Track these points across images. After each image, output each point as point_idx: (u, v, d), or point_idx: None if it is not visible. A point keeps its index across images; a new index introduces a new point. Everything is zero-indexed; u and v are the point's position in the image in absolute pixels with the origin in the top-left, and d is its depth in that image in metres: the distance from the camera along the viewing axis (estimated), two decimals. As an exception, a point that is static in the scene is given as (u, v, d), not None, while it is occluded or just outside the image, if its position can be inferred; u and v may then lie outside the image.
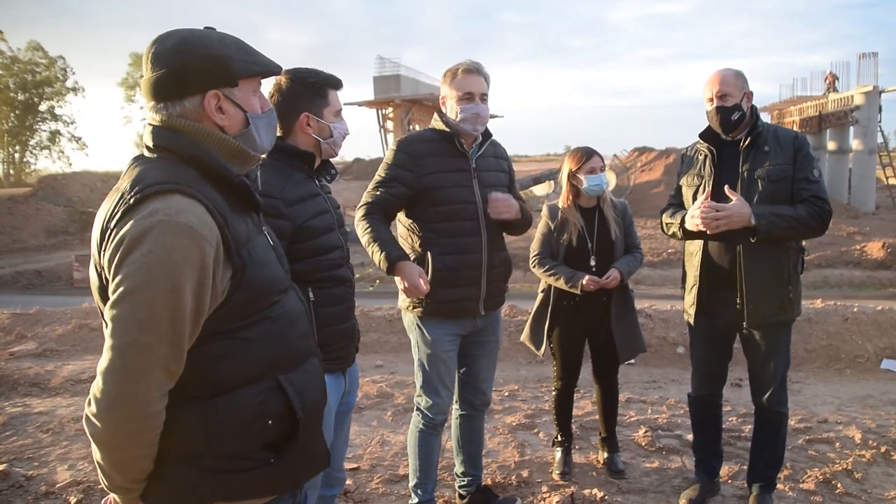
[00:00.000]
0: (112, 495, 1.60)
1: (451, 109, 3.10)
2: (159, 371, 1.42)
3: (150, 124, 1.60)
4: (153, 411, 1.43)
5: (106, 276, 1.45)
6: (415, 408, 3.30)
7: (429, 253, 3.06)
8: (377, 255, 2.95)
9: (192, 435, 1.50)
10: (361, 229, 3.03)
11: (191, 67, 1.55)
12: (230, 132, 1.62)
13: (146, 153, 1.59)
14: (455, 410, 3.46)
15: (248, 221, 1.62)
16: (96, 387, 1.42)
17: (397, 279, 2.97)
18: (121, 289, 1.40)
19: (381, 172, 3.12)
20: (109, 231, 1.44)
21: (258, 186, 1.73)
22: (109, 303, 1.42)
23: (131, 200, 1.44)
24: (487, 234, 3.14)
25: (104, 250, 1.45)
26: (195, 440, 1.50)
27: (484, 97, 3.10)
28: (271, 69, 1.70)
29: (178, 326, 1.42)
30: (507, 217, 3.13)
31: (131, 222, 1.42)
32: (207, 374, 1.51)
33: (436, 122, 3.18)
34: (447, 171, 3.09)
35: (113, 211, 1.46)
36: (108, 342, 1.42)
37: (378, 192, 3.07)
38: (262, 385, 1.57)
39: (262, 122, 1.70)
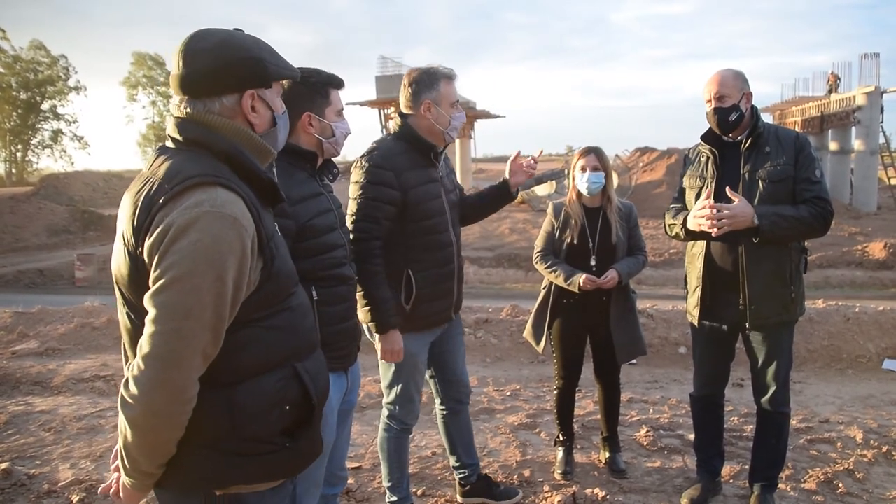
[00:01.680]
0: (120, 482, 1.62)
1: (440, 117, 3.00)
2: (199, 356, 1.49)
3: (177, 117, 1.64)
4: (190, 396, 1.49)
5: (143, 261, 1.49)
6: (386, 415, 3.27)
7: (409, 271, 2.99)
8: (371, 315, 2.90)
9: (218, 420, 1.56)
10: (357, 274, 2.78)
11: (233, 67, 1.62)
12: (259, 130, 1.70)
13: (171, 144, 1.64)
14: (439, 410, 3.48)
15: (270, 218, 1.70)
16: (137, 370, 1.46)
17: (381, 338, 2.95)
18: (168, 275, 1.45)
19: (364, 194, 2.90)
20: (150, 217, 1.48)
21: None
22: (154, 289, 1.46)
23: (173, 189, 1.49)
24: (456, 242, 3.16)
25: (146, 237, 1.48)
26: (221, 425, 1.56)
27: None
28: (295, 74, 1.80)
29: (220, 313, 1.49)
30: (525, 178, 3.24)
31: (176, 211, 1.47)
32: (235, 361, 1.57)
33: (402, 129, 3.04)
34: (425, 183, 3.01)
35: (152, 198, 1.50)
36: (151, 328, 1.46)
37: (372, 224, 2.89)
38: (283, 372, 1.65)
39: (282, 122, 1.80)
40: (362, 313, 2.92)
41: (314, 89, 2.50)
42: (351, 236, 2.85)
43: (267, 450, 1.62)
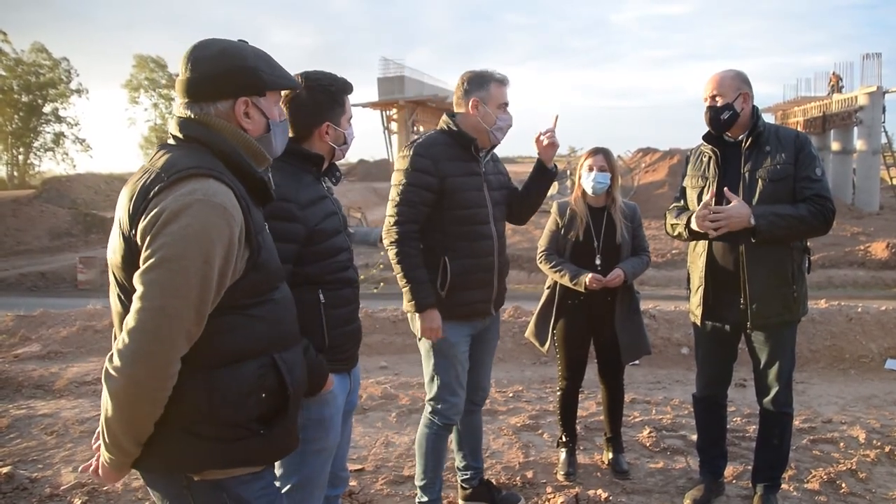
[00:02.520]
0: (101, 459, 1.69)
1: (486, 116, 3.13)
2: (183, 335, 1.56)
3: (179, 117, 1.76)
4: (171, 372, 1.56)
5: (136, 243, 1.58)
6: (428, 411, 3.30)
7: (445, 258, 3.11)
8: (409, 295, 3.07)
9: (196, 402, 1.63)
10: (396, 256, 3.06)
11: (228, 75, 1.75)
12: (253, 135, 1.81)
13: (171, 142, 1.75)
14: None
15: (259, 213, 1.79)
16: (121, 343, 1.54)
17: (420, 317, 3.08)
18: (157, 255, 1.54)
19: (403, 180, 3.07)
20: (146, 203, 1.58)
21: (272, 185, 1.88)
22: (144, 268, 1.55)
23: (169, 179, 1.59)
24: (497, 237, 3.24)
25: (140, 220, 1.57)
26: (198, 408, 1.63)
27: None
28: (293, 85, 1.95)
29: (204, 295, 1.58)
30: (552, 150, 3.24)
31: (170, 197, 1.57)
32: (216, 345, 1.65)
33: (448, 125, 3.18)
34: (464, 174, 3.14)
35: (149, 186, 1.60)
36: (138, 304, 1.54)
37: (410, 208, 3.05)
38: (262, 360, 1.73)
39: (279, 129, 1.90)
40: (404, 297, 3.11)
41: (333, 98, 2.50)
42: (390, 220, 3.07)
43: (241, 435, 1.68)
